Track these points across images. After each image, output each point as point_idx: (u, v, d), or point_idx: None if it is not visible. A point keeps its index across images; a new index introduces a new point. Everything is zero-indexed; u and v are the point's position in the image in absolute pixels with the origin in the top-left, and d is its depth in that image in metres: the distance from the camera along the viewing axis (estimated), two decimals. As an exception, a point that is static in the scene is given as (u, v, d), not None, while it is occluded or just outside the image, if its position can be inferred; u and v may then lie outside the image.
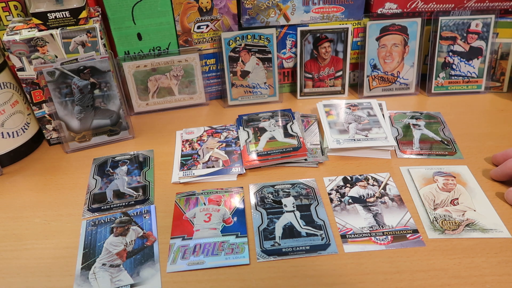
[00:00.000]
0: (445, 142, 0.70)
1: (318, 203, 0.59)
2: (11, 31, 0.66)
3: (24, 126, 0.71)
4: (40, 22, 0.65)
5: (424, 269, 0.50)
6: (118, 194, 0.63)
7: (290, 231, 0.55)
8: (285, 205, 0.59)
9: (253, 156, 0.67)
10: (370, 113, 0.74)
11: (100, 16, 0.71)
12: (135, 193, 0.63)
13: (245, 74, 0.82)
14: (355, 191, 0.61)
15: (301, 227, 0.56)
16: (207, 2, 0.75)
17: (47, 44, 0.66)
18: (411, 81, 0.83)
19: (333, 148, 0.68)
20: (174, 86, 0.81)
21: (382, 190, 0.61)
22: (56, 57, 0.68)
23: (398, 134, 0.72)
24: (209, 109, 0.84)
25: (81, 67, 0.68)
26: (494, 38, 0.80)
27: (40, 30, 0.66)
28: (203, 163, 0.67)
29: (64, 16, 0.66)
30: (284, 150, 0.67)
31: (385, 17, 0.80)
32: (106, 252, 0.54)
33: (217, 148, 0.70)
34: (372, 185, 0.62)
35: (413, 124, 0.74)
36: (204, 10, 0.76)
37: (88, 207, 0.61)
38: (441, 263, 0.50)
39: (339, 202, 0.60)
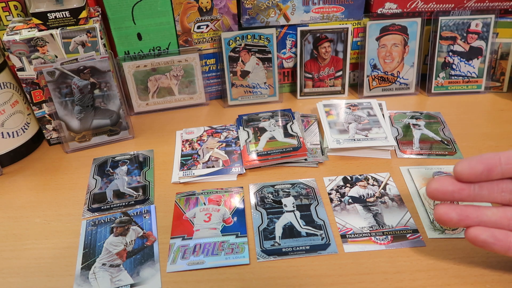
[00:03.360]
0: (445, 142, 0.70)
1: (318, 203, 0.59)
2: (11, 31, 0.66)
3: (24, 126, 0.71)
4: (40, 22, 0.65)
5: (424, 269, 0.50)
6: (118, 194, 0.63)
7: (290, 231, 0.55)
8: (285, 205, 0.59)
9: (253, 156, 0.67)
10: (370, 113, 0.74)
11: (100, 16, 0.71)
12: (135, 193, 0.63)
13: (245, 74, 0.82)
14: (355, 191, 0.61)
15: (301, 227, 0.56)
16: (207, 2, 0.75)
17: (47, 44, 0.66)
18: (411, 81, 0.83)
19: (333, 148, 0.68)
20: (174, 86, 0.81)
21: (382, 190, 0.61)
22: (56, 57, 0.68)
23: (398, 134, 0.72)
24: (209, 109, 0.84)
25: (81, 67, 0.68)
26: (494, 38, 0.80)
27: (40, 30, 0.66)
28: (203, 163, 0.67)
29: (64, 16, 0.66)
30: (284, 150, 0.67)
31: (385, 17, 0.80)
32: (106, 252, 0.54)
33: (217, 148, 0.70)
34: (372, 185, 0.62)
35: (413, 124, 0.74)
36: (204, 10, 0.76)
37: (88, 207, 0.61)
38: (441, 263, 0.50)
39: (339, 202, 0.60)
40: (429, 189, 0.45)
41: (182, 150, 0.71)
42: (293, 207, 0.59)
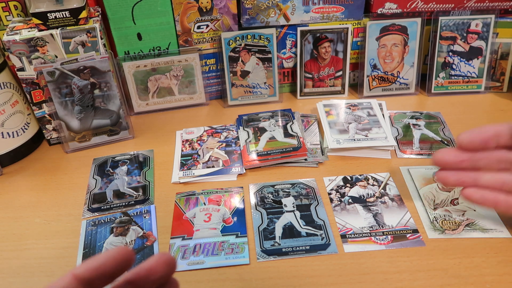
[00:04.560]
0: (445, 142, 0.70)
1: (318, 203, 0.59)
2: (11, 31, 0.66)
3: (24, 126, 0.71)
4: (40, 22, 0.65)
5: (424, 269, 0.50)
6: (118, 194, 0.63)
7: (290, 231, 0.55)
8: (285, 205, 0.59)
9: (253, 156, 0.67)
10: (370, 113, 0.74)
11: (100, 16, 0.71)
12: (135, 193, 0.63)
13: (245, 74, 0.82)
14: (355, 191, 0.61)
15: (301, 227, 0.56)
16: (207, 2, 0.75)
17: (47, 44, 0.66)
18: (411, 81, 0.83)
19: (333, 148, 0.68)
20: (174, 86, 0.81)
21: (382, 190, 0.61)
22: (56, 57, 0.68)
23: (398, 134, 0.72)
24: (209, 109, 0.84)
25: (81, 67, 0.68)
26: (494, 38, 0.80)
27: (40, 30, 0.66)
28: (203, 163, 0.67)
29: (64, 16, 0.66)
30: (284, 150, 0.67)
31: (385, 17, 0.80)
32: (106, 252, 0.54)
33: (217, 148, 0.70)
34: (372, 185, 0.62)
35: (413, 124, 0.74)
36: (204, 10, 0.76)
37: (88, 207, 0.61)
38: (441, 263, 0.50)
39: (339, 202, 0.60)
40: (434, 158, 0.51)
41: (182, 150, 0.71)
42: (293, 207, 0.59)
